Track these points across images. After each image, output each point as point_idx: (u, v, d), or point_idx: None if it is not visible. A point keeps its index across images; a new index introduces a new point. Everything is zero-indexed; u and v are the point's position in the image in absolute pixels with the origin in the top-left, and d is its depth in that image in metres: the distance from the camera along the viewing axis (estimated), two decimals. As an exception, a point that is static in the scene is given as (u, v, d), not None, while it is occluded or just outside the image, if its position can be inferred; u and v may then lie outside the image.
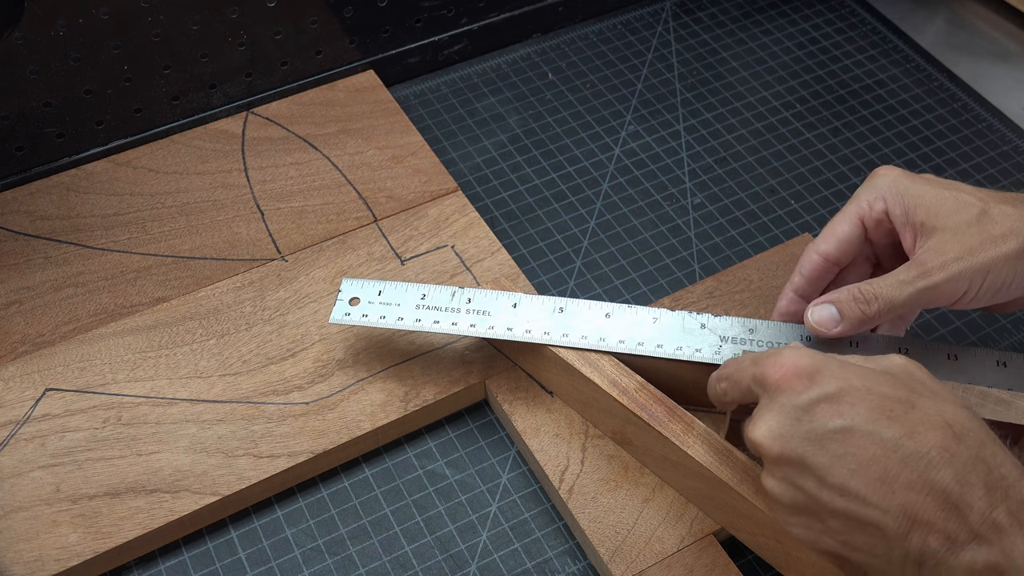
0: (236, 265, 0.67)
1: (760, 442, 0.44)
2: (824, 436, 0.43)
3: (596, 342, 0.57)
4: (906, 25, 0.89)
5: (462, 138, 0.78)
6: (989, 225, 0.49)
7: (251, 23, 0.73)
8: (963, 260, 0.49)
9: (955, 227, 0.50)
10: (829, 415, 0.43)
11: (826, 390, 0.43)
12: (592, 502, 0.56)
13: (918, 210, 0.51)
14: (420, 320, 0.58)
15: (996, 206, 0.50)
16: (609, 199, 0.75)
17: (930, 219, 0.50)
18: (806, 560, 0.51)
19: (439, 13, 0.81)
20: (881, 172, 0.54)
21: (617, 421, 0.57)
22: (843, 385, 0.43)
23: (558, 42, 0.86)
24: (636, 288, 0.69)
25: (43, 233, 0.68)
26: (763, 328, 0.56)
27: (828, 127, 0.80)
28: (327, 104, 0.77)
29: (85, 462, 0.57)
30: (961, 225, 0.50)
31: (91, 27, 0.67)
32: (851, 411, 0.43)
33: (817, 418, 0.43)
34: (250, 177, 0.72)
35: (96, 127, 0.72)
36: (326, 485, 0.59)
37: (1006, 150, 0.79)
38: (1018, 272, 0.49)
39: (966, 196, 0.51)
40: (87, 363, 0.61)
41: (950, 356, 0.55)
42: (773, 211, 0.74)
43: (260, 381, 0.60)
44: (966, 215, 0.50)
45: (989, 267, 0.49)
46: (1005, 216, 0.49)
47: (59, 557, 0.53)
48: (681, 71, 0.84)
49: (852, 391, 0.43)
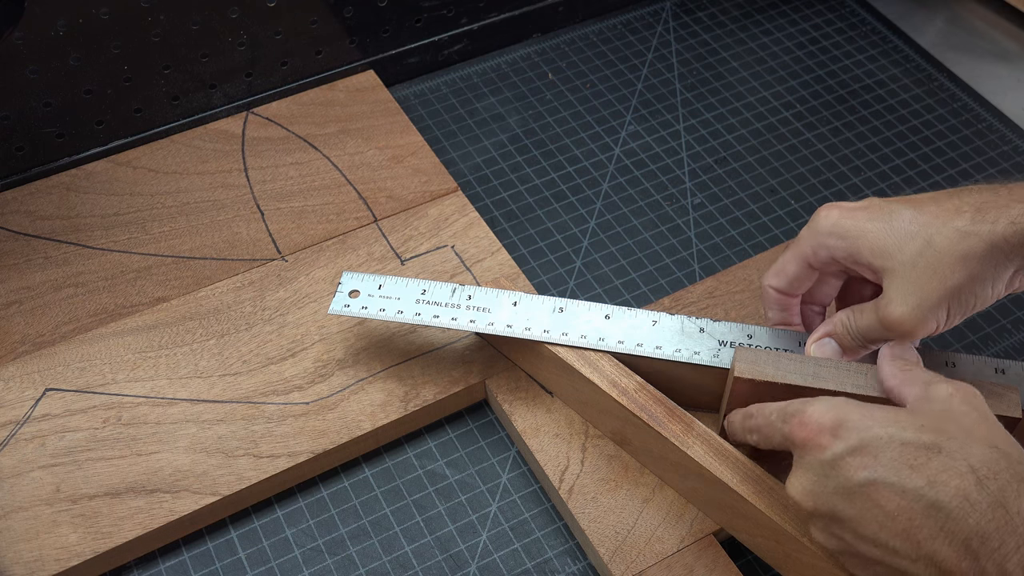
0: (236, 265, 0.67)
1: (796, 499, 0.46)
2: (852, 490, 0.44)
3: (595, 342, 0.57)
4: (906, 25, 0.89)
5: (462, 138, 0.78)
6: (935, 259, 0.49)
7: (251, 23, 0.73)
8: (922, 306, 0.49)
9: (903, 270, 0.49)
10: (854, 469, 0.44)
11: (849, 443, 0.44)
12: (592, 502, 0.56)
13: (863, 252, 0.51)
14: (420, 314, 0.58)
15: (936, 230, 0.49)
16: (609, 199, 0.75)
17: (877, 260, 0.50)
18: (806, 561, 0.51)
19: (439, 13, 0.81)
20: (822, 215, 0.52)
21: (617, 421, 0.57)
22: (865, 436, 0.44)
23: (558, 42, 0.86)
24: (636, 288, 0.69)
25: (43, 233, 0.68)
26: (761, 333, 0.57)
27: (828, 127, 0.80)
28: (327, 104, 0.77)
29: (85, 462, 0.57)
30: (908, 266, 0.49)
31: (91, 27, 0.67)
32: (874, 463, 0.43)
33: (843, 472, 0.44)
34: (250, 177, 0.72)
35: (96, 127, 0.72)
36: (326, 485, 0.59)
37: (1006, 150, 0.79)
38: (979, 294, 0.49)
39: (906, 225, 0.50)
40: (87, 363, 0.61)
41: (947, 363, 0.55)
42: (773, 211, 0.74)
43: (260, 381, 0.60)
44: (911, 251, 0.49)
45: (947, 301, 0.49)
46: (948, 241, 0.49)
47: (59, 557, 0.53)
48: (681, 71, 0.84)
49: (875, 442, 0.44)
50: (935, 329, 0.50)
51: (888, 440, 0.44)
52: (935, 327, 0.50)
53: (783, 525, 0.50)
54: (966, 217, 0.49)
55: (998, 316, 0.68)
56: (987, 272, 0.49)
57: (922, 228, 0.49)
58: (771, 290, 0.56)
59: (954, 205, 0.50)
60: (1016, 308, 0.69)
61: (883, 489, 0.43)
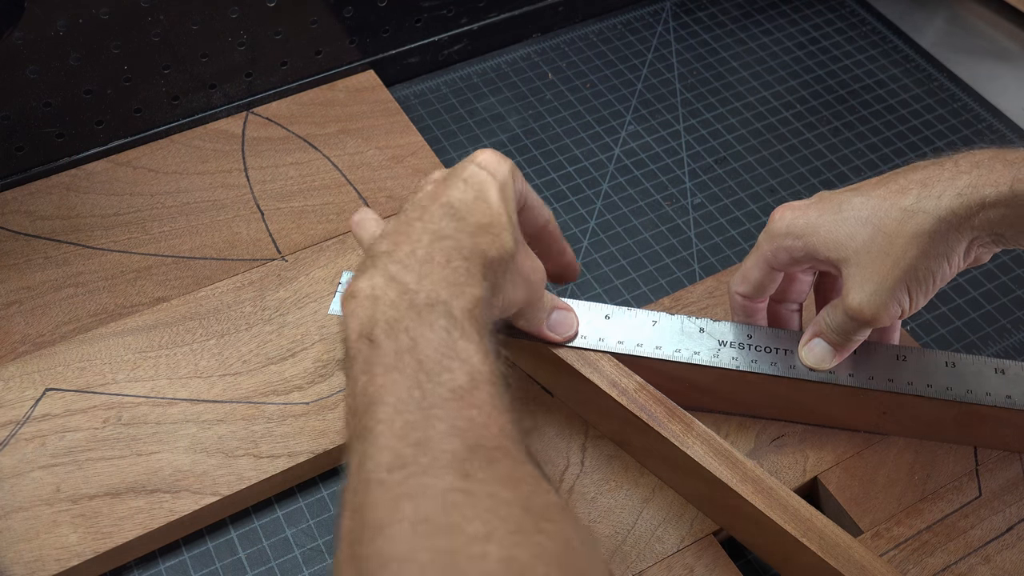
0: (236, 265, 0.67)
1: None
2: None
3: (595, 342, 0.57)
4: (906, 25, 0.89)
5: (462, 138, 0.78)
6: (885, 242, 0.49)
7: (251, 23, 0.73)
8: (879, 291, 0.50)
9: (857, 258, 0.50)
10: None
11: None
12: (592, 502, 0.56)
13: (819, 248, 0.51)
14: None
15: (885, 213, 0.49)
16: (609, 199, 0.75)
17: (833, 252, 0.51)
18: (806, 561, 0.51)
19: (439, 13, 0.81)
20: (776, 216, 0.53)
21: (616, 422, 0.57)
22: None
23: (558, 42, 0.86)
24: (636, 288, 0.69)
25: (43, 233, 0.68)
26: (761, 333, 0.57)
27: (828, 127, 0.80)
28: (327, 104, 0.77)
29: (85, 462, 0.57)
30: (862, 254, 0.50)
31: (91, 27, 0.67)
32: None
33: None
34: (250, 177, 0.72)
35: (96, 127, 0.72)
36: (326, 485, 0.59)
37: (1006, 150, 0.79)
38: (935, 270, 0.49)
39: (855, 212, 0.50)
40: (87, 363, 0.61)
41: (948, 363, 0.55)
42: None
43: (260, 381, 0.60)
44: (862, 238, 0.50)
45: (905, 283, 0.49)
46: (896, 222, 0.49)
47: (59, 557, 0.53)
48: (681, 71, 0.84)
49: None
50: (901, 312, 0.51)
51: None
52: (899, 310, 0.50)
53: (783, 525, 0.50)
54: (912, 195, 0.49)
55: (998, 316, 0.68)
56: (939, 248, 0.49)
57: (871, 213, 0.50)
58: (738, 296, 0.57)
59: (899, 185, 0.50)
60: (1016, 308, 0.69)
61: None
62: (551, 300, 0.56)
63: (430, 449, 0.38)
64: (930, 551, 0.54)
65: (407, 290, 0.44)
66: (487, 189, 0.49)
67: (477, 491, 0.37)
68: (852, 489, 0.57)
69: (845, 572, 0.49)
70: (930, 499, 0.56)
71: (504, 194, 0.50)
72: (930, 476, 0.57)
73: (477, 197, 0.49)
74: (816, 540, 0.50)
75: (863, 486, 0.57)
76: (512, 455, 0.40)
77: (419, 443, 0.38)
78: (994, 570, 0.54)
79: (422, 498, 0.36)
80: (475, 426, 0.40)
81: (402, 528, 0.36)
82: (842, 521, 0.56)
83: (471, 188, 0.49)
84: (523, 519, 0.36)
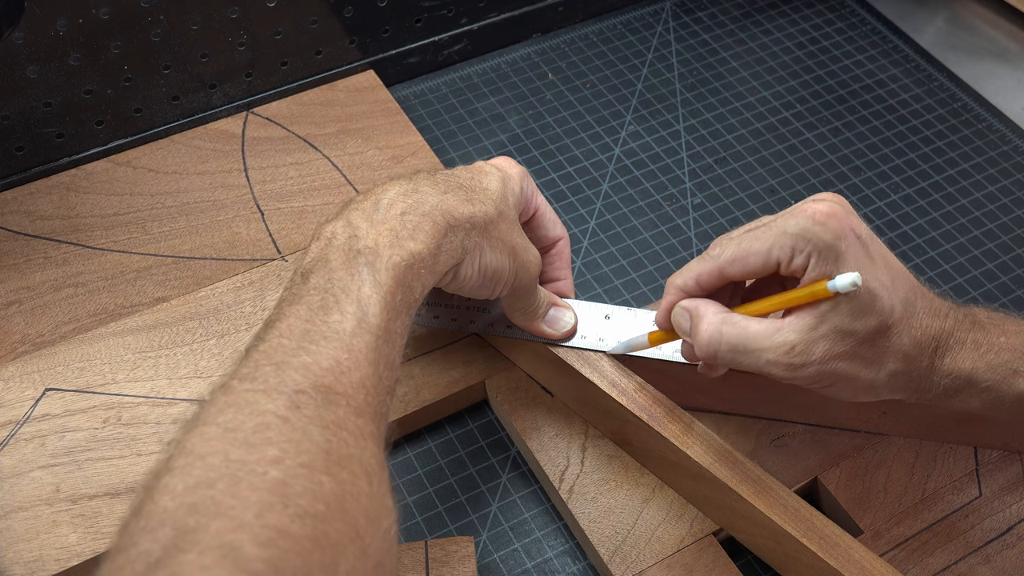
0: (236, 265, 0.67)
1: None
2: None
3: (595, 342, 0.57)
4: (906, 25, 0.89)
5: (462, 138, 0.78)
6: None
7: (251, 23, 0.73)
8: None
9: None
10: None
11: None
12: (592, 502, 0.56)
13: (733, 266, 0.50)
14: (419, 315, 0.58)
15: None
16: (609, 199, 0.75)
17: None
18: (806, 561, 0.51)
19: (439, 13, 0.81)
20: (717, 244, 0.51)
21: (616, 422, 0.57)
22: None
23: (558, 42, 0.86)
24: (636, 288, 0.69)
25: (43, 233, 0.68)
26: None
27: (828, 127, 0.80)
28: (327, 104, 0.77)
29: (85, 462, 0.57)
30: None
31: (91, 27, 0.67)
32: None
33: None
34: (250, 177, 0.72)
35: (96, 127, 0.72)
36: (326, 485, 0.59)
37: (1006, 150, 0.79)
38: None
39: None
40: (87, 363, 0.61)
41: None
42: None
43: (260, 381, 0.60)
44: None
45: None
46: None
47: (59, 557, 0.53)
48: (681, 71, 0.84)
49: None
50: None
51: None
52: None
53: (783, 525, 0.50)
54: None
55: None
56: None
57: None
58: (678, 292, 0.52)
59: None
60: (1016, 308, 0.69)
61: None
62: (548, 296, 0.56)
63: (281, 373, 0.40)
64: (930, 551, 0.54)
65: (356, 236, 0.46)
66: (487, 173, 0.52)
67: (294, 422, 0.39)
68: (852, 489, 0.57)
69: (845, 572, 0.49)
70: (930, 499, 0.56)
71: (505, 184, 0.52)
72: (930, 476, 0.57)
73: (472, 177, 0.51)
74: (816, 540, 0.50)
75: (863, 486, 0.57)
76: (354, 406, 0.41)
77: (277, 365, 0.41)
78: (994, 570, 0.54)
79: (245, 411, 0.39)
80: (336, 368, 0.41)
81: (214, 430, 0.38)
82: (842, 521, 0.56)
83: (471, 170, 0.52)
84: (317, 458, 0.38)
